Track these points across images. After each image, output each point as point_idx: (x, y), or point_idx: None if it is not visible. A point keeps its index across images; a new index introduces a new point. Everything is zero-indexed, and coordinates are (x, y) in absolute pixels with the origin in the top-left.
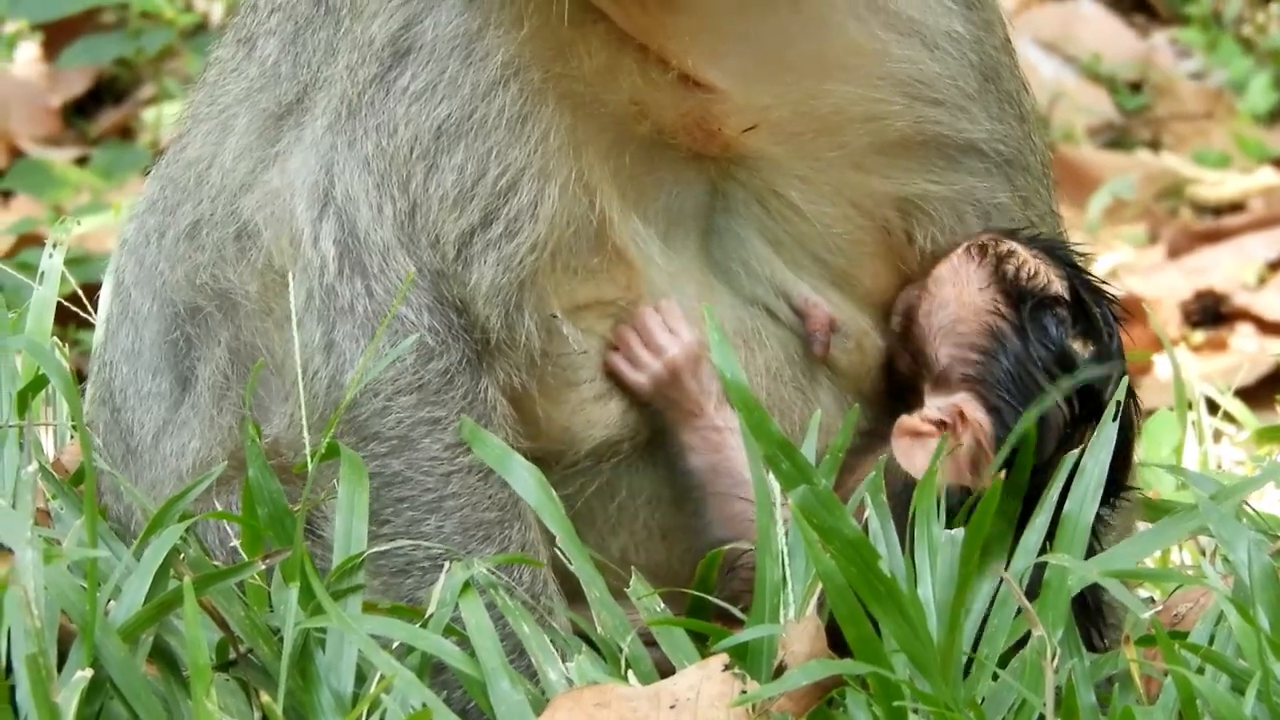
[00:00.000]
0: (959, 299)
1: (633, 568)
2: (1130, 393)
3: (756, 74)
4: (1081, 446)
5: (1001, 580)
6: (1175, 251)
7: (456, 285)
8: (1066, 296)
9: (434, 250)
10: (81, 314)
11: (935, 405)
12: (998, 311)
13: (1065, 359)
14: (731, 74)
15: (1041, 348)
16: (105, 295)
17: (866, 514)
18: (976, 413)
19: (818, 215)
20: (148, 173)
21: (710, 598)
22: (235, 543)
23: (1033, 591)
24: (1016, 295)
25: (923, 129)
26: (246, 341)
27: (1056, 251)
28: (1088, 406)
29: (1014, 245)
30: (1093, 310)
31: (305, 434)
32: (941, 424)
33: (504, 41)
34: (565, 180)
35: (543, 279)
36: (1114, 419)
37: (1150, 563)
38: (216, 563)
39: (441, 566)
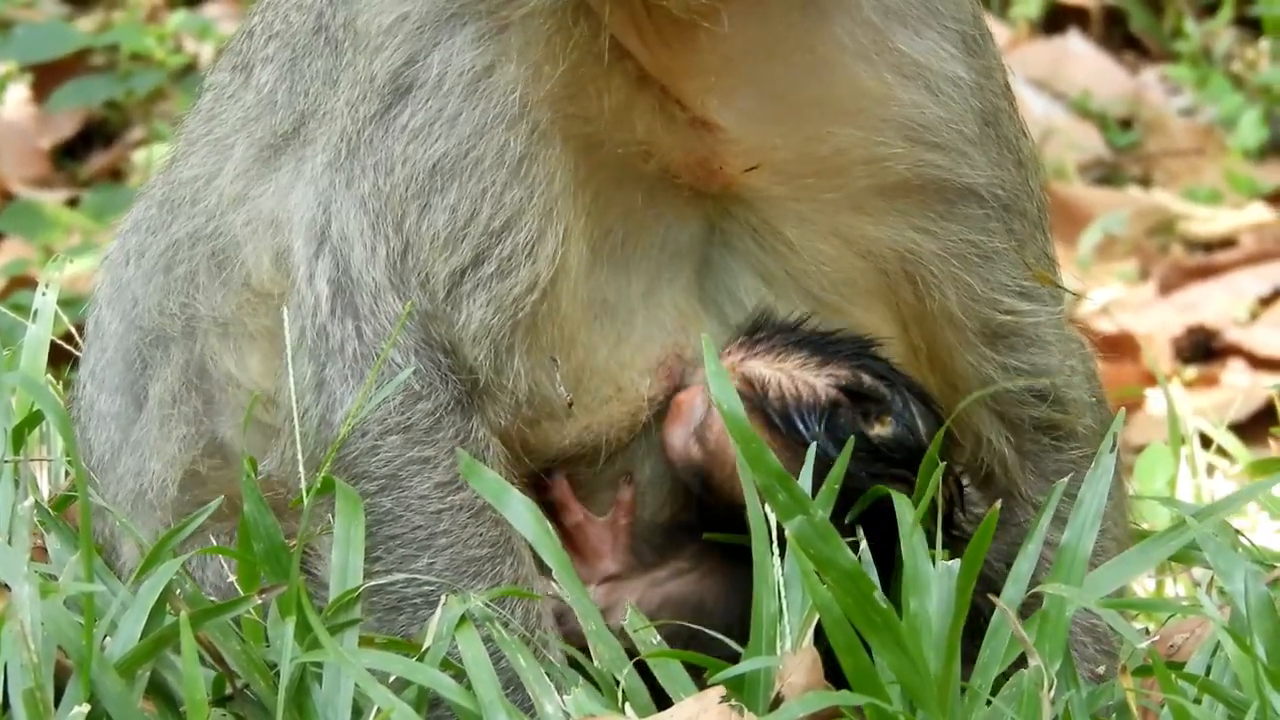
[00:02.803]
0: None
1: (628, 601)
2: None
3: (763, 115)
4: (1074, 474)
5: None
6: (1166, 287)
7: (445, 326)
8: (837, 391)
9: (423, 290)
10: (74, 352)
11: None
12: (795, 453)
13: (875, 450)
14: (739, 115)
15: (850, 459)
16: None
17: (861, 546)
18: None
19: (812, 253)
20: None
21: (707, 630)
22: (233, 579)
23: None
24: (799, 430)
25: (922, 173)
26: (196, 362)
27: (788, 336)
28: (917, 463)
29: (759, 371)
30: (863, 382)
31: (300, 463)
32: None
33: (516, 80)
34: (568, 221)
35: (542, 321)
36: (1110, 450)
37: (1142, 592)
38: (211, 598)
39: (435, 603)
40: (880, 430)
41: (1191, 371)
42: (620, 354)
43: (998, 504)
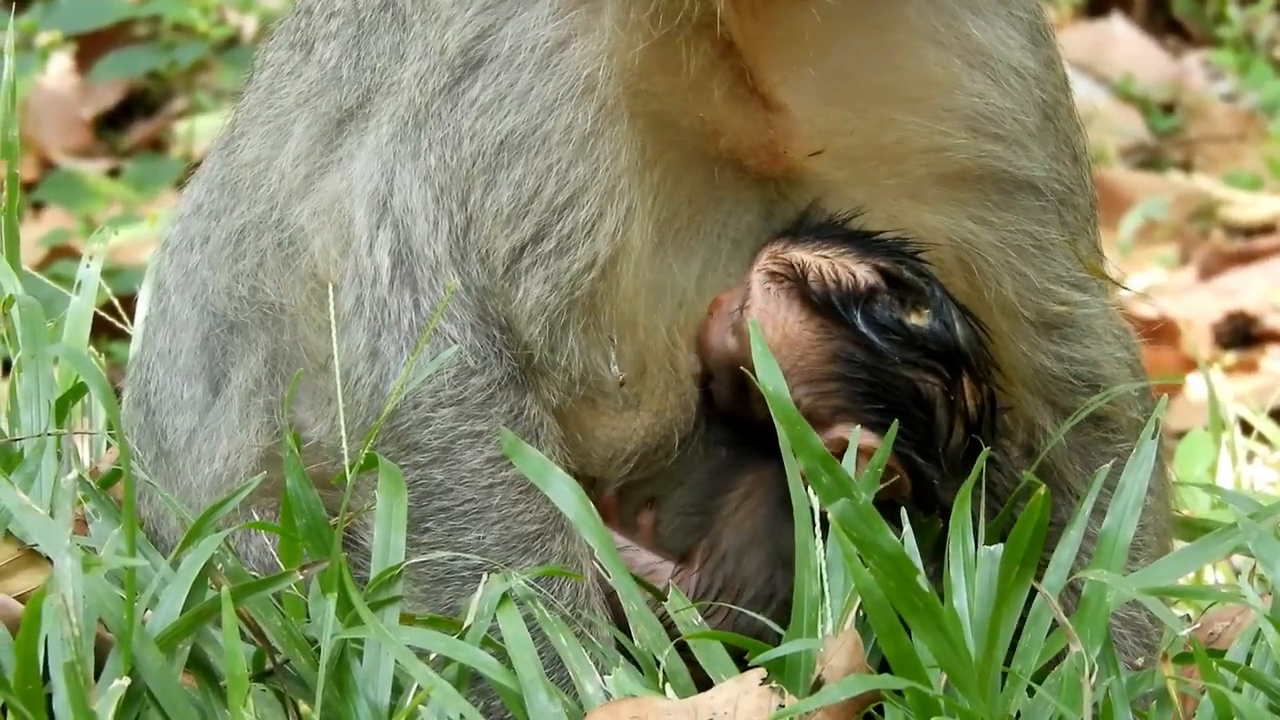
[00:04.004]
0: (788, 340)
1: (670, 582)
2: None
3: (830, 98)
4: (1115, 460)
5: (1034, 595)
6: (1207, 273)
7: (501, 302)
8: (877, 277)
9: (483, 266)
10: (116, 324)
11: None
12: (830, 336)
13: (911, 337)
14: (809, 96)
15: (886, 343)
16: (143, 299)
17: (905, 530)
18: (864, 440)
19: None
20: (180, 185)
21: (748, 611)
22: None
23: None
24: (837, 310)
25: (983, 164)
26: (286, 351)
27: (832, 231)
28: (953, 362)
29: (800, 256)
30: (903, 273)
31: (344, 440)
32: None
33: (591, 55)
34: (630, 200)
35: (600, 301)
36: (1152, 437)
37: (1183, 581)
38: (254, 573)
39: (482, 576)
40: (917, 320)
41: (1231, 357)
42: (673, 336)
43: (1043, 489)
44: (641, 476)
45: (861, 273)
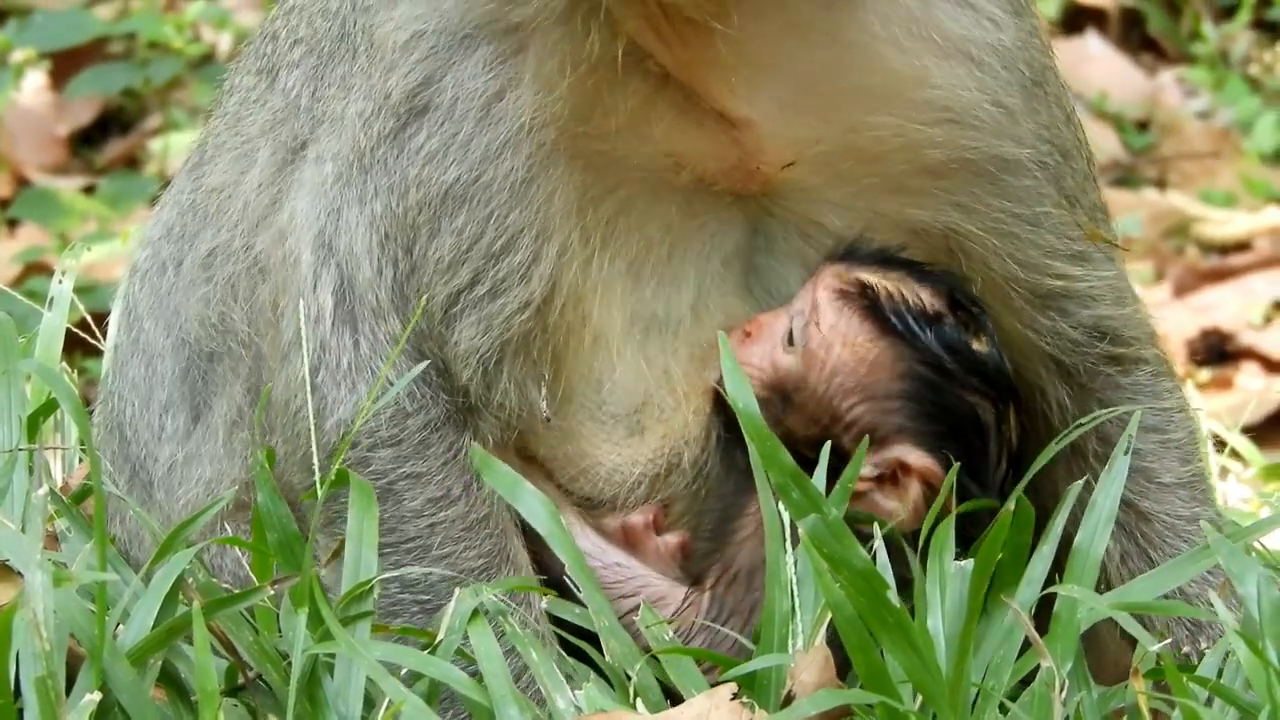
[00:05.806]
0: (856, 357)
1: (641, 600)
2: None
3: (795, 107)
4: (1085, 478)
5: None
6: (1181, 290)
7: (437, 345)
8: (943, 301)
9: (422, 311)
10: (90, 340)
11: (870, 462)
12: (900, 355)
13: (975, 361)
14: (770, 109)
15: (954, 363)
16: (114, 323)
17: (875, 545)
18: (920, 460)
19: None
20: (154, 202)
21: (720, 628)
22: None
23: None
24: (911, 329)
25: (962, 154)
26: (266, 378)
27: (895, 258)
28: (1004, 392)
29: (867, 277)
30: (961, 298)
31: (316, 465)
32: (880, 478)
33: (524, 103)
34: (565, 240)
35: (540, 340)
36: (1125, 453)
37: None
38: (228, 587)
39: (430, 610)
40: (979, 346)
41: (1205, 374)
42: (674, 367)
43: (1011, 502)
44: (663, 500)
45: (928, 296)
